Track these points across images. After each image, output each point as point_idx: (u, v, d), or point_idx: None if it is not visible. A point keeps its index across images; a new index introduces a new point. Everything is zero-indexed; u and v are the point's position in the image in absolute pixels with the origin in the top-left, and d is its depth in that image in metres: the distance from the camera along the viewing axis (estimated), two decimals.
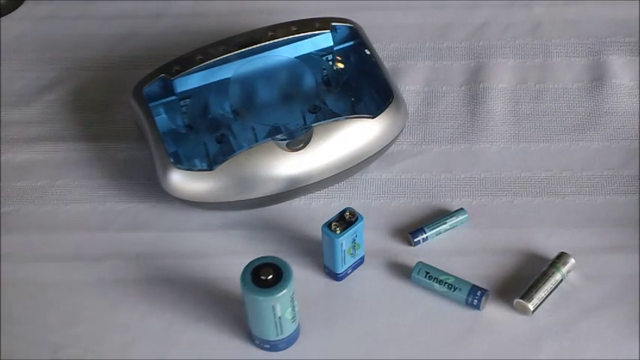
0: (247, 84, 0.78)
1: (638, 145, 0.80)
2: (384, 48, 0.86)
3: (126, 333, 0.70)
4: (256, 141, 0.76)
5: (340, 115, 0.77)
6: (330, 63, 0.81)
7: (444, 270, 0.71)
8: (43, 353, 0.69)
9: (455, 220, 0.75)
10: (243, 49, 0.78)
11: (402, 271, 0.72)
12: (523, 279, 0.71)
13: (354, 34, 0.81)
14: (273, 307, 0.64)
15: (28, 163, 0.81)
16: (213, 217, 0.76)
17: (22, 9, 0.93)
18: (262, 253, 0.66)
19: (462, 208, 0.75)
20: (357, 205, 0.72)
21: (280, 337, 0.67)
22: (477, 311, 0.70)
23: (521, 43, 0.88)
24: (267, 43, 0.78)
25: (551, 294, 0.70)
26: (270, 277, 0.64)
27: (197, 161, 0.76)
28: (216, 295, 0.72)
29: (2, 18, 0.92)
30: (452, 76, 0.85)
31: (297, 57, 0.79)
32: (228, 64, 0.78)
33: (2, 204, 0.78)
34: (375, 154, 0.76)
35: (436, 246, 0.74)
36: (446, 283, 0.70)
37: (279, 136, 0.74)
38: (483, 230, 0.75)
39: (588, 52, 0.87)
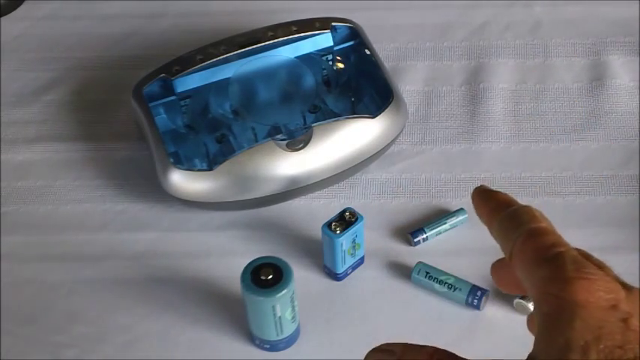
0: (247, 84, 0.78)
1: (638, 145, 0.80)
2: (384, 48, 0.86)
3: (126, 333, 0.70)
4: (256, 141, 0.75)
5: (340, 115, 0.77)
6: (330, 63, 0.81)
7: (444, 270, 0.71)
8: (43, 353, 0.69)
9: (455, 220, 0.75)
10: (243, 49, 0.78)
11: (402, 271, 0.72)
12: None
13: (354, 34, 0.81)
14: (273, 307, 0.64)
15: (28, 163, 0.81)
16: (213, 217, 0.76)
17: (22, 9, 0.93)
18: (262, 253, 0.66)
19: (461, 208, 0.75)
20: (357, 205, 0.72)
21: (280, 337, 0.67)
22: (477, 311, 0.70)
23: (521, 43, 0.88)
24: (267, 43, 0.78)
25: None
26: (270, 277, 0.64)
27: (197, 161, 0.76)
28: (216, 295, 0.72)
29: (2, 18, 0.92)
30: (452, 76, 0.85)
31: (297, 57, 0.79)
32: (228, 64, 0.78)
33: (2, 204, 0.78)
34: (375, 154, 0.76)
35: (436, 246, 0.74)
36: (446, 283, 0.70)
37: (279, 136, 0.74)
38: (483, 230, 0.74)
39: (588, 52, 0.87)
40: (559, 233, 0.37)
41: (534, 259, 0.36)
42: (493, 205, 0.40)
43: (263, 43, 0.78)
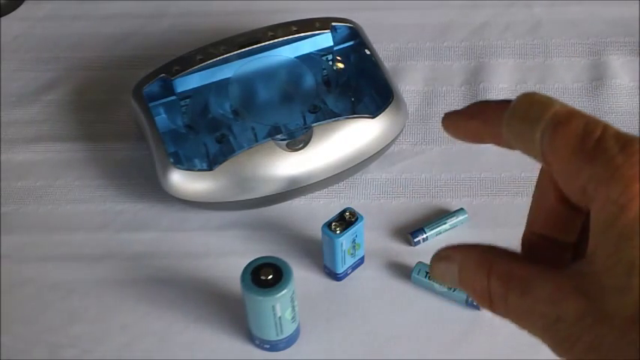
0: (247, 84, 0.78)
1: None
2: (384, 48, 0.86)
3: (126, 333, 0.70)
4: (256, 141, 0.75)
5: (340, 115, 0.77)
6: (330, 63, 0.81)
7: None
8: (43, 353, 0.69)
9: (455, 220, 0.75)
10: (243, 49, 0.78)
11: (402, 271, 0.72)
12: None
13: (354, 34, 0.81)
14: (273, 307, 0.64)
15: (28, 163, 0.81)
16: (213, 217, 0.76)
17: (22, 9, 0.93)
18: (262, 253, 0.66)
19: (461, 208, 0.75)
20: (357, 205, 0.72)
21: (280, 337, 0.67)
22: (477, 311, 0.70)
23: (521, 43, 0.88)
24: (267, 43, 0.78)
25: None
26: (270, 277, 0.64)
27: (197, 161, 0.76)
28: (216, 295, 0.72)
29: (2, 18, 0.92)
30: (452, 76, 0.85)
31: (297, 57, 0.79)
32: (228, 64, 0.78)
33: (2, 204, 0.78)
34: (375, 154, 0.76)
35: (436, 246, 0.73)
36: None
37: (279, 136, 0.74)
38: (483, 230, 0.75)
39: (588, 52, 0.87)
40: (577, 109, 0.33)
41: (575, 155, 0.32)
42: (484, 115, 0.35)
43: (263, 43, 0.78)
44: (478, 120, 0.36)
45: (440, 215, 0.75)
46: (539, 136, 0.33)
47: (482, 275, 0.34)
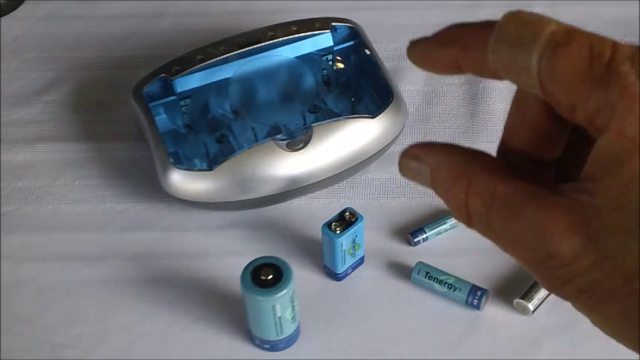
0: (247, 84, 0.78)
1: None
2: (384, 48, 0.86)
3: (126, 333, 0.70)
4: (256, 141, 0.75)
5: (340, 115, 0.77)
6: (330, 63, 0.81)
7: (444, 270, 0.71)
8: (43, 353, 0.69)
9: (455, 220, 0.74)
10: (243, 49, 0.78)
11: (402, 271, 0.72)
12: (523, 279, 0.71)
13: (354, 34, 0.81)
14: (273, 307, 0.64)
15: (28, 163, 0.81)
16: (213, 217, 0.76)
17: (22, 9, 0.93)
18: (262, 253, 0.66)
19: None
20: (357, 205, 0.72)
21: (280, 337, 0.67)
22: (477, 311, 0.70)
23: None
24: (267, 43, 0.78)
25: (551, 294, 0.70)
26: (270, 277, 0.64)
27: (197, 161, 0.76)
28: (216, 295, 0.72)
29: (2, 18, 0.92)
30: (452, 76, 0.85)
31: (297, 57, 0.79)
32: (228, 64, 0.78)
33: (2, 204, 0.78)
34: (375, 154, 0.76)
35: (436, 246, 0.74)
36: (446, 283, 0.70)
37: (279, 136, 0.74)
38: None
39: None
40: (576, 26, 0.28)
41: (583, 81, 0.27)
42: (462, 41, 0.30)
43: (263, 43, 0.78)
44: (455, 47, 0.30)
45: (440, 215, 0.75)
46: (535, 61, 0.27)
47: (459, 188, 0.29)
